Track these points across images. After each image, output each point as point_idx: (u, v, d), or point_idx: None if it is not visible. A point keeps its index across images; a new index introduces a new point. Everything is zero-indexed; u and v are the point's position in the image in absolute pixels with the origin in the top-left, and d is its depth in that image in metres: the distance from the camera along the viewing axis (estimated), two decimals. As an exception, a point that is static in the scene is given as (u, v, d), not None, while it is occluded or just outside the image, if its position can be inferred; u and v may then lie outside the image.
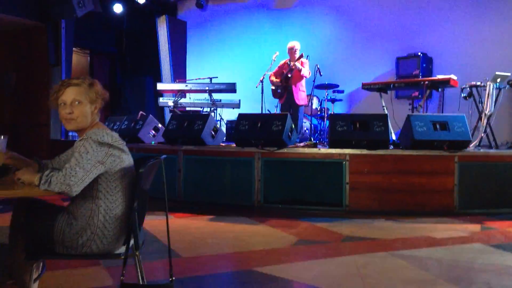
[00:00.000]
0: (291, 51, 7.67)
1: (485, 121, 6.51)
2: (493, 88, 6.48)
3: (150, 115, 7.32)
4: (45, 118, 9.24)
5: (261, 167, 5.75)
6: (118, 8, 10.18)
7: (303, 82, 7.76)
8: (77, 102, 2.32)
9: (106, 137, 2.26)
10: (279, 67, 7.85)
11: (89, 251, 2.27)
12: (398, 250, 3.89)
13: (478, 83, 6.62)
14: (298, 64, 7.47)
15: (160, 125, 7.37)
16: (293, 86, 7.62)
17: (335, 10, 9.72)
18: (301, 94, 7.71)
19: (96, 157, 2.20)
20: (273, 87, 7.84)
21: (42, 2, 8.72)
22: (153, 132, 7.23)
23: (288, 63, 7.71)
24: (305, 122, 8.35)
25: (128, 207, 2.33)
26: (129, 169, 2.35)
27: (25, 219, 2.29)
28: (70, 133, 9.52)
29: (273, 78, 7.79)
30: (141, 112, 7.66)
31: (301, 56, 7.49)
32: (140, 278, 2.36)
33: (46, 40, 9.11)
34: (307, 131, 8.31)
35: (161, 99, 8.93)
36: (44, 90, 9.25)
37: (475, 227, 4.81)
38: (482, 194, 5.51)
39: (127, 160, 2.36)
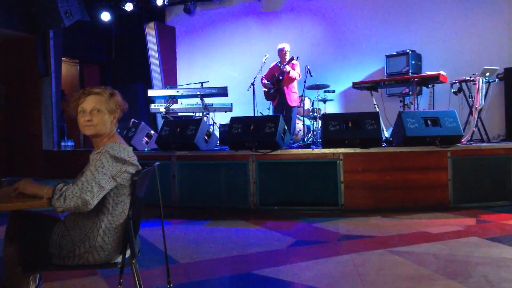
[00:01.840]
0: (281, 53, 7.71)
1: (476, 115, 6.55)
2: (482, 82, 6.52)
3: (142, 122, 7.30)
4: (37, 129, 9.20)
5: (255, 170, 5.75)
6: (106, 16, 10.16)
7: (295, 83, 7.79)
8: (96, 111, 2.32)
9: (123, 152, 2.27)
10: (270, 69, 7.88)
11: (86, 263, 2.26)
12: (395, 247, 3.90)
13: (468, 78, 6.66)
14: (288, 66, 7.49)
15: (152, 132, 7.35)
16: (285, 88, 7.65)
17: (323, 11, 9.75)
18: (293, 95, 7.73)
19: (110, 171, 2.20)
20: (266, 90, 7.85)
21: (30, 13, 8.69)
22: (146, 139, 7.21)
23: (279, 65, 7.73)
24: (297, 123, 8.37)
25: (126, 217, 2.33)
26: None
27: (20, 231, 2.27)
28: (62, 143, 9.48)
29: (265, 81, 7.81)
30: (133, 119, 7.64)
31: (291, 59, 7.51)
32: (137, 286, 2.36)
33: (35, 51, 9.08)
34: (300, 132, 8.33)
35: (152, 106, 8.91)
36: (35, 100, 9.23)
37: (470, 221, 4.84)
38: (476, 187, 5.55)
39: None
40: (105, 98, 2.35)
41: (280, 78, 7.60)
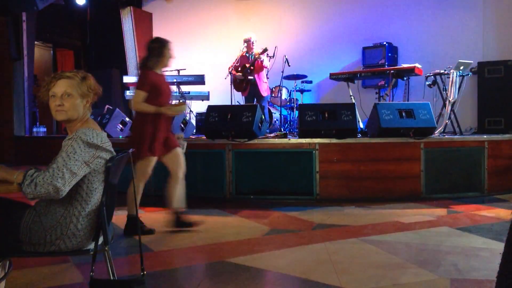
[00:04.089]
0: (249, 43, 7.65)
1: (449, 108, 6.67)
2: (456, 76, 6.63)
3: (117, 109, 7.19)
4: (8, 114, 8.97)
5: (232, 159, 5.74)
6: (81, 0, 9.93)
7: (265, 73, 7.76)
8: (67, 95, 2.27)
9: (96, 138, 2.22)
10: (237, 60, 7.78)
11: (57, 250, 2.21)
12: (368, 236, 3.96)
13: (442, 71, 6.76)
14: (262, 56, 7.45)
15: (127, 119, 7.25)
16: (257, 79, 7.61)
17: (302, 2, 9.73)
18: (264, 85, 7.72)
19: (83, 157, 2.15)
20: (239, 80, 7.77)
21: (1, -6, 8.44)
22: (121, 126, 7.11)
23: (247, 55, 7.68)
24: (275, 113, 8.37)
25: (100, 204, 2.29)
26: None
27: (-11, 217, 2.22)
28: (34, 129, 9.28)
29: (234, 72, 7.72)
30: (107, 105, 7.52)
31: (265, 50, 7.45)
32: (110, 273, 2.33)
33: (7, 34, 8.82)
34: (277, 122, 8.34)
35: (128, 92, 8.78)
36: (6, 85, 8.99)
37: (441, 211, 4.95)
38: (447, 179, 5.67)
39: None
40: (76, 81, 2.30)
41: (251, 68, 7.55)
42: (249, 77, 7.62)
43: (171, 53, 4.23)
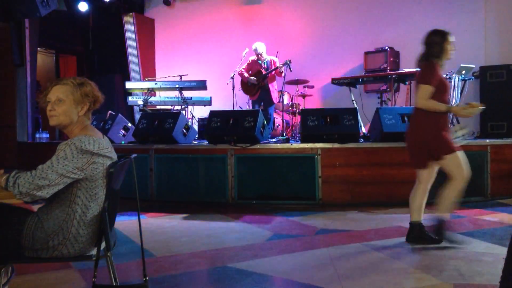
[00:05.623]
0: (256, 51, 7.78)
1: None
2: (458, 80, 6.64)
3: (119, 115, 7.21)
4: (11, 120, 8.99)
5: (234, 164, 5.74)
6: (83, 7, 9.96)
7: (276, 80, 7.90)
8: (59, 101, 2.29)
9: (92, 144, 2.21)
10: (249, 64, 7.87)
11: (60, 255, 2.22)
12: (371, 241, 3.95)
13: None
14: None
15: (130, 125, 7.27)
16: (270, 85, 7.74)
17: (304, 6, 9.76)
18: (275, 92, 7.88)
19: (75, 163, 2.15)
20: (249, 84, 7.83)
21: (5, 1, 8.47)
22: (123, 131, 7.12)
23: (259, 62, 7.77)
24: (277, 118, 8.38)
25: (101, 209, 2.29)
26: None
27: (-9, 223, 2.22)
28: (37, 135, 9.31)
29: (246, 75, 7.80)
30: (109, 111, 7.54)
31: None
32: (112, 279, 2.33)
33: (10, 40, 8.86)
34: (279, 126, 8.34)
35: (130, 98, 8.80)
36: (9, 91, 9.02)
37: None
38: (450, 183, 5.63)
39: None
40: (70, 87, 2.31)
41: (267, 76, 7.68)
42: (262, 84, 7.74)
43: (452, 46, 3.91)
